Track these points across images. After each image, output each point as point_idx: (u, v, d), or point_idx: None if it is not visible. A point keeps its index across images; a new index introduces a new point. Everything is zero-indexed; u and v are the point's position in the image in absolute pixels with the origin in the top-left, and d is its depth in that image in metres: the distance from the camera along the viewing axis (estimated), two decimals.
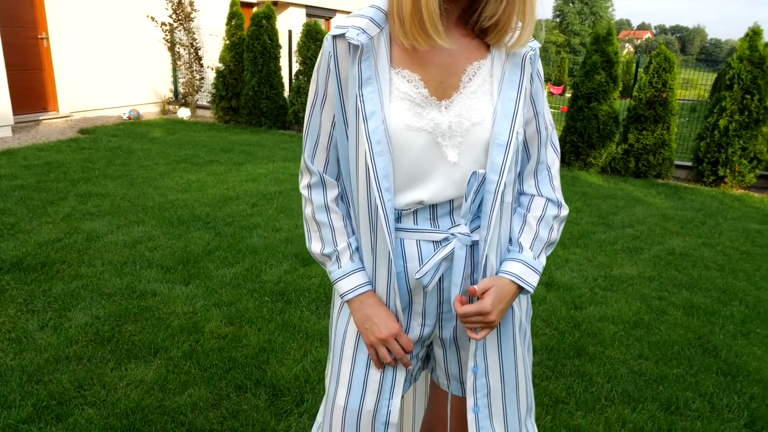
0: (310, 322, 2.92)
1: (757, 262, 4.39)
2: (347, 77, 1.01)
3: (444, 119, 1.01)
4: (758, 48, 6.65)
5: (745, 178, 7.02)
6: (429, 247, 1.07)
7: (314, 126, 1.10)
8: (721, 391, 2.55)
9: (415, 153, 1.01)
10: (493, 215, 1.03)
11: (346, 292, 1.10)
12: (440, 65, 1.02)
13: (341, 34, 1.00)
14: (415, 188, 1.03)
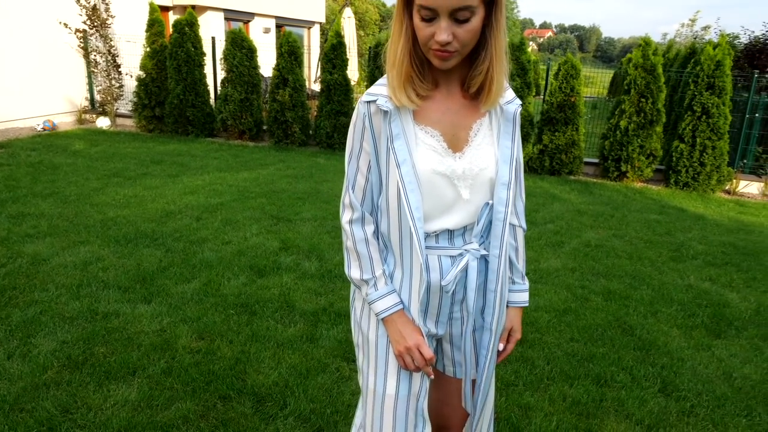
0: (278, 332, 3.11)
1: (658, 249, 5.03)
2: (380, 132, 1.28)
3: (458, 166, 1.29)
4: (649, 57, 7.46)
5: (643, 172, 7.85)
6: (447, 261, 1.35)
7: (353, 170, 1.35)
8: (639, 363, 3.01)
9: (439, 192, 1.29)
10: (504, 237, 1.33)
11: (382, 311, 1.35)
12: (452, 123, 1.31)
13: (373, 101, 1.27)
14: (441, 218, 1.32)
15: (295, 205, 5.60)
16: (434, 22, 1.16)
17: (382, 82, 1.30)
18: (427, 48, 1.21)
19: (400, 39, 1.23)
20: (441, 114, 1.30)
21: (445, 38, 1.16)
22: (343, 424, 2.39)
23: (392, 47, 1.25)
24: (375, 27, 35.32)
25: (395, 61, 1.24)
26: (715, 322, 3.60)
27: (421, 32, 1.19)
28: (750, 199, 7.74)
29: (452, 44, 1.17)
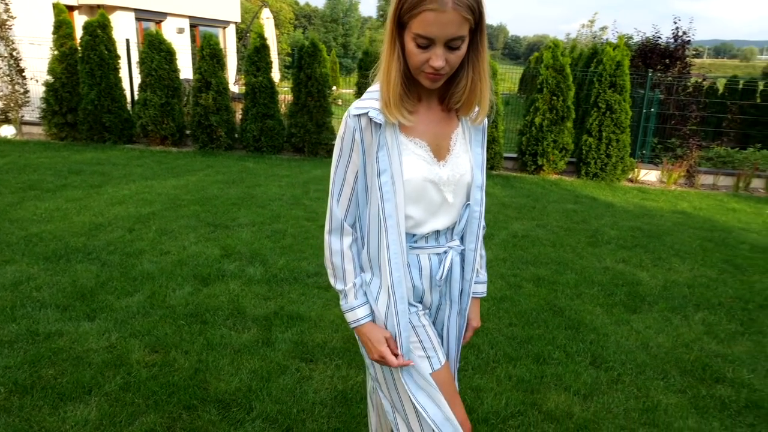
0: (232, 338, 3.15)
1: (577, 236, 5.47)
2: (369, 144, 1.38)
3: (443, 173, 1.42)
4: (558, 58, 8.01)
5: (558, 165, 8.42)
6: (435, 259, 1.49)
7: (339, 180, 1.42)
8: (570, 341, 3.33)
9: (429, 197, 1.42)
10: (479, 233, 1.50)
11: (351, 322, 1.47)
12: (435, 134, 1.44)
13: (364, 113, 1.36)
14: (431, 221, 1.45)
15: (231, 210, 5.57)
16: (429, 49, 1.27)
17: (370, 96, 1.39)
18: (419, 71, 1.32)
19: (392, 61, 1.32)
20: (425, 126, 1.43)
21: (441, 64, 1.27)
22: (310, 421, 2.49)
23: (385, 68, 1.33)
24: (290, 26, 34.98)
25: (389, 82, 1.33)
26: (631, 299, 4.01)
27: (416, 58, 1.29)
28: (650, 186, 8.51)
29: (444, 68, 1.29)
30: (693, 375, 3.06)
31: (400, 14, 1.28)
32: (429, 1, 1.22)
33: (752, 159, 9.40)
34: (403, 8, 1.27)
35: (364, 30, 48.58)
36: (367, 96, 1.40)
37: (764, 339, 3.55)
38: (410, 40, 1.28)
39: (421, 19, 1.24)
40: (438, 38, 1.25)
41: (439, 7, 1.22)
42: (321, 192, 6.57)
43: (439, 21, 1.23)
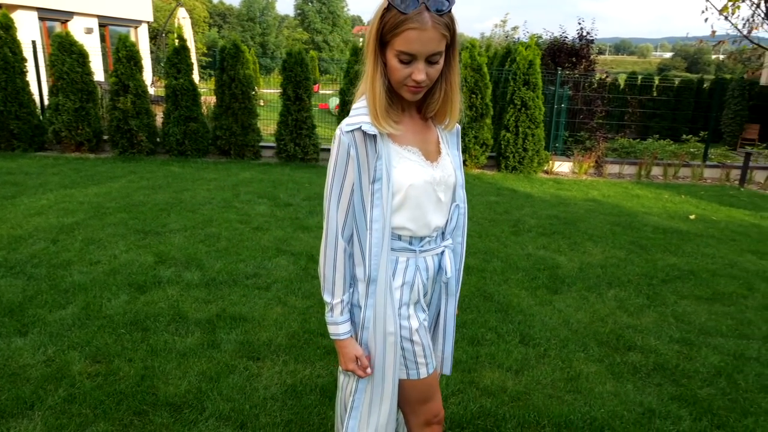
0: (176, 343, 3.16)
1: (500, 226, 5.82)
2: (364, 155, 1.46)
3: (437, 174, 1.54)
4: (476, 57, 8.40)
5: (479, 160, 8.83)
6: (436, 259, 1.61)
7: (335, 194, 1.48)
8: (501, 323, 3.60)
9: (428, 198, 1.53)
10: (465, 227, 1.65)
11: (332, 334, 1.56)
12: (422, 141, 1.55)
13: (357, 128, 1.44)
14: (434, 219, 1.56)
15: (160, 216, 5.47)
16: (411, 64, 1.38)
17: (357, 112, 1.47)
18: (402, 85, 1.42)
19: (376, 77, 1.42)
20: (413, 135, 1.55)
21: (422, 78, 1.38)
22: (264, 415, 2.58)
23: (370, 84, 1.43)
24: (204, 25, 33.96)
25: (375, 96, 1.42)
26: (552, 282, 4.36)
27: (399, 73, 1.39)
28: (564, 177, 9.11)
29: (425, 81, 1.40)
30: (608, 345, 3.41)
31: (382, 34, 1.38)
32: (411, 21, 1.33)
33: (651, 149, 10.27)
34: (385, 28, 1.37)
35: (281, 29, 47.97)
36: (354, 113, 1.49)
37: (667, 310, 3.99)
38: (393, 57, 1.38)
39: (404, 37, 1.34)
40: (420, 54, 1.36)
41: (421, 25, 1.33)
42: (252, 194, 6.56)
43: (420, 39, 1.34)
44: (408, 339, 1.59)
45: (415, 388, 1.64)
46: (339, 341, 1.57)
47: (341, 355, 1.58)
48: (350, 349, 1.56)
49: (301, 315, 3.57)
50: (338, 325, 1.55)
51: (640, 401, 2.83)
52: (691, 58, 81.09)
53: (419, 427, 1.70)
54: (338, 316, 1.55)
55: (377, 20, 1.39)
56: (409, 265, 1.57)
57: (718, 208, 7.53)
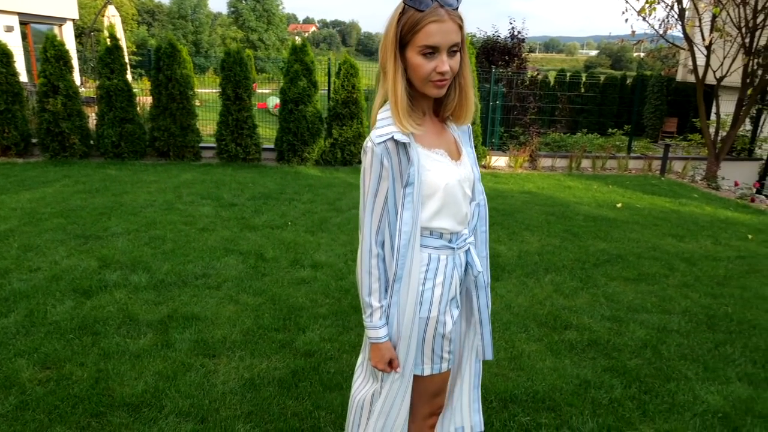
0: (129, 345, 3.15)
1: None
2: (397, 165, 1.51)
3: (462, 172, 1.61)
4: None
5: None
6: (464, 256, 1.67)
7: (370, 204, 1.52)
8: None
9: (459, 195, 1.60)
10: (487, 216, 1.74)
11: (373, 338, 1.59)
12: (445, 141, 1.62)
13: (389, 138, 1.48)
14: (462, 214, 1.62)
15: (100, 221, 5.34)
16: (435, 57, 1.44)
17: (384, 123, 1.51)
18: (426, 81, 1.47)
19: (398, 79, 1.48)
20: (436, 137, 1.61)
21: (447, 68, 1.44)
22: (224, 409, 2.64)
23: (392, 87, 1.48)
24: (133, 22, 32.70)
25: (397, 97, 1.48)
26: (493, 269, 4.59)
27: (424, 68, 1.45)
28: (501, 171, 9.48)
29: (448, 72, 1.46)
30: (547, 325, 3.66)
31: (401, 36, 1.45)
32: (429, 15, 1.41)
33: (581, 143, 10.84)
34: (404, 30, 1.45)
35: (215, 27, 46.82)
36: (381, 123, 1.53)
37: (598, 291, 4.30)
38: (416, 55, 1.45)
39: (425, 31, 1.42)
40: (442, 45, 1.43)
41: (439, 18, 1.41)
42: (195, 196, 6.49)
43: (440, 30, 1.42)
44: (441, 334, 1.64)
45: (434, 382, 1.72)
46: (379, 344, 1.60)
47: (376, 356, 1.61)
48: (386, 352, 1.60)
49: (254, 312, 3.63)
50: (378, 329, 1.59)
51: (576, 374, 3.08)
52: (614, 56, 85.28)
53: (423, 418, 1.78)
54: (377, 321, 1.58)
55: (394, 25, 1.46)
56: (449, 262, 1.63)
57: (642, 196, 8.07)
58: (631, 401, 2.85)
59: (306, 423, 2.56)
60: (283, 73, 8.60)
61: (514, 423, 2.63)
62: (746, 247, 5.75)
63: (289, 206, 6.24)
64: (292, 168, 8.41)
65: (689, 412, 2.78)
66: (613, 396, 2.89)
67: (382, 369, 1.63)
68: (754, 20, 8.95)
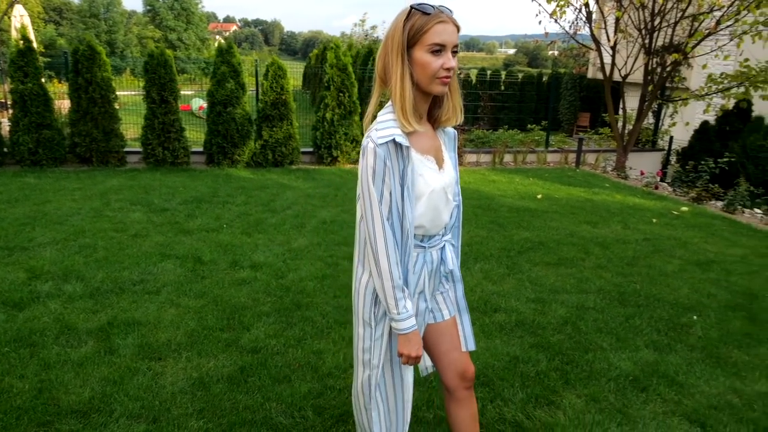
0: (70, 354, 3.12)
1: None
2: (397, 165, 1.62)
3: (445, 179, 1.76)
4: (341, 57, 8.76)
5: (351, 156, 9.22)
6: (438, 253, 1.83)
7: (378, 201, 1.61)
8: None
9: (442, 200, 1.75)
10: (461, 217, 1.91)
11: (408, 329, 1.68)
12: (434, 148, 1.77)
13: (390, 140, 1.60)
14: (445, 218, 1.80)
15: (23, 231, 5.13)
16: (442, 55, 1.58)
17: (384, 126, 1.62)
18: (434, 78, 1.60)
19: (405, 78, 1.60)
20: (429, 142, 1.75)
21: (454, 64, 1.60)
22: (175, 408, 2.69)
23: (399, 86, 1.60)
24: (39, 21, 30.75)
25: (405, 94, 1.60)
26: None
27: (432, 66, 1.58)
28: None
29: (453, 69, 1.61)
30: (479, 310, 3.93)
31: (408, 38, 1.59)
32: (435, 17, 1.57)
33: (503, 138, 11.38)
34: (411, 32, 1.58)
35: (130, 26, 44.80)
36: (382, 125, 1.63)
37: (524, 276, 4.63)
38: (424, 54, 1.58)
39: (433, 31, 1.56)
40: (448, 44, 1.58)
41: (444, 19, 1.57)
42: (124, 202, 6.34)
43: (446, 30, 1.57)
44: None
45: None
46: (412, 332, 1.69)
47: (412, 345, 1.70)
48: (417, 340, 1.71)
49: (197, 314, 3.67)
50: (412, 317, 1.69)
51: (507, 352, 3.35)
52: (531, 54, 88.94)
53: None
54: (411, 309, 1.68)
55: (400, 29, 1.59)
56: (419, 259, 1.77)
57: (560, 187, 8.63)
58: (555, 372, 3.15)
59: (258, 415, 2.67)
60: (210, 75, 8.50)
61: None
62: (651, 230, 6.33)
63: (223, 209, 6.23)
64: (223, 170, 8.35)
65: (605, 378, 3.12)
66: (540, 369, 3.18)
67: (414, 359, 1.72)
68: (652, 22, 9.76)
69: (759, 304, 4.26)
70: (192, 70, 29.71)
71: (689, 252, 5.52)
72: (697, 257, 5.36)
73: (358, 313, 1.85)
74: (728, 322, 3.92)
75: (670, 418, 2.78)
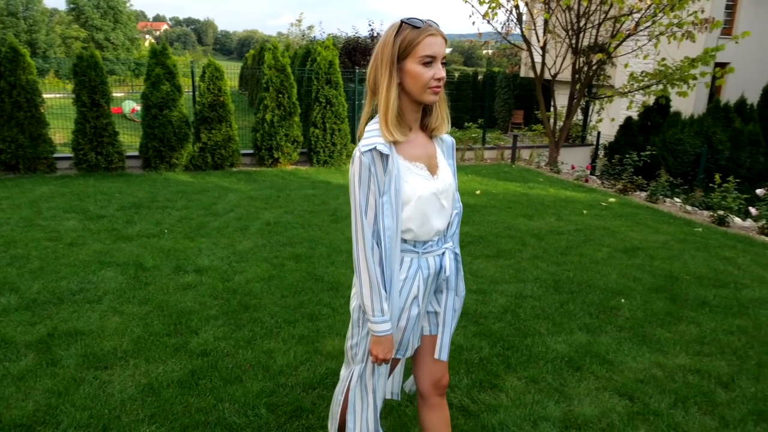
0: (9, 368, 3.01)
1: (320, 216, 6.29)
2: (381, 172, 1.68)
3: (438, 185, 1.79)
4: (279, 59, 8.74)
5: (292, 157, 9.22)
6: (438, 260, 1.85)
7: (364, 208, 1.68)
8: (334, 299, 4.05)
9: (433, 206, 1.78)
10: (459, 226, 1.94)
11: (383, 332, 1.74)
12: (427, 155, 1.80)
13: (373, 148, 1.66)
14: (436, 223, 1.81)
15: None
16: (432, 66, 1.66)
17: (370, 135, 1.70)
18: (425, 89, 1.67)
19: (391, 89, 1.67)
20: (420, 150, 1.80)
21: (444, 74, 1.67)
22: (125, 415, 2.67)
23: (385, 96, 1.68)
24: None
25: (389, 105, 1.67)
26: None
27: (424, 76, 1.65)
28: None
29: (443, 79, 1.68)
30: None
31: (400, 51, 1.66)
32: (425, 30, 1.65)
33: None
34: (402, 46, 1.66)
35: (52, 25, 42.50)
36: (368, 135, 1.71)
37: (465, 269, 4.80)
38: (416, 65, 1.66)
39: (425, 43, 1.64)
40: (438, 55, 1.66)
41: (433, 32, 1.65)
42: (56, 210, 6.10)
43: (436, 42, 1.66)
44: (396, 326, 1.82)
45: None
46: (383, 336, 1.75)
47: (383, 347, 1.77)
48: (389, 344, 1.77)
49: (142, 320, 3.62)
50: (387, 322, 1.74)
51: (452, 341, 3.49)
52: (466, 54, 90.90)
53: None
54: (387, 314, 1.74)
55: (390, 43, 1.67)
56: (412, 264, 1.81)
57: (497, 182, 8.96)
58: (497, 357, 3.33)
59: (211, 416, 2.69)
60: (143, 76, 8.28)
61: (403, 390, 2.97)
62: (582, 221, 6.70)
63: (163, 214, 6.11)
64: (161, 175, 8.15)
65: (543, 360, 3.32)
66: (483, 355, 3.35)
67: (384, 360, 1.79)
68: (578, 24, 10.27)
69: (679, 285, 4.63)
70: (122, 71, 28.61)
71: (617, 240, 5.89)
72: (624, 245, 5.73)
73: (352, 314, 1.92)
74: (652, 303, 4.24)
75: (602, 393, 3.00)
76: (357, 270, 1.72)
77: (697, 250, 5.72)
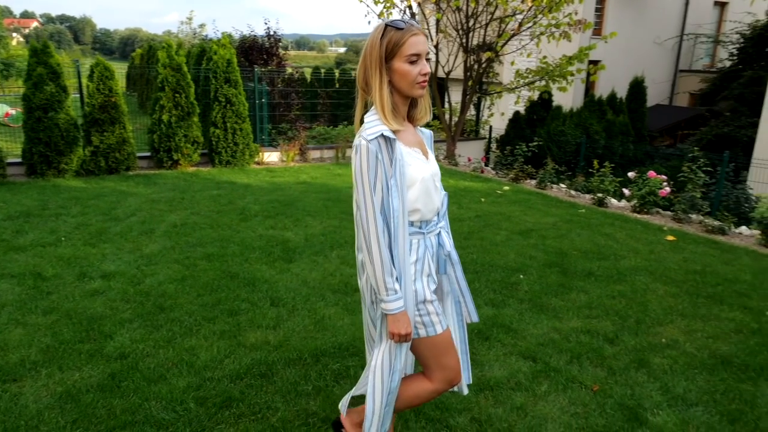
0: None
1: (228, 216, 6.23)
2: (387, 158, 1.82)
3: (432, 168, 1.96)
4: (174, 57, 8.47)
5: (192, 158, 8.97)
6: (436, 238, 2.00)
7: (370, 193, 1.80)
8: (251, 294, 4.08)
9: (431, 188, 1.94)
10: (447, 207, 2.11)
11: (396, 309, 1.83)
12: (418, 142, 1.98)
13: (379, 135, 1.80)
14: (436, 203, 1.98)
15: None
16: (418, 63, 1.83)
17: (373, 123, 1.85)
18: (413, 84, 1.84)
19: (383, 87, 1.85)
20: (413, 137, 1.97)
21: (429, 69, 1.84)
22: (43, 425, 2.57)
23: (378, 94, 1.85)
24: None
25: (384, 100, 1.85)
26: (285, 254, 5.01)
27: (411, 73, 1.83)
28: (275, 166, 9.90)
29: (429, 74, 1.86)
30: (340, 291, 4.22)
31: (386, 52, 1.82)
32: (409, 31, 1.82)
33: (343, 134, 11.82)
34: (389, 46, 1.82)
35: None
36: (370, 124, 1.86)
37: None
38: (403, 63, 1.82)
39: (409, 43, 1.81)
40: (422, 53, 1.83)
41: (416, 32, 1.82)
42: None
43: (420, 41, 1.83)
44: (423, 302, 1.93)
45: (435, 343, 1.99)
46: (398, 314, 1.84)
47: (401, 324, 1.85)
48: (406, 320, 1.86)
49: (50, 329, 3.46)
50: (400, 299, 1.84)
51: None
52: None
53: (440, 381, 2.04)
54: (400, 292, 1.84)
55: (377, 45, 1.83)
56: (420, 245, 1.95)
57: None
58: None
59: (138, 415, 2.67)
60: (23, 77, 7.69)
61: (327, 371, 3.10)
62: (481, 208, 7.16)
63: (57, 221, 5.76)
64: (49, 181, 7.63)
65: None
66: None
67: (404, 337, 1.87)
68: (467, 24, 10.85)
69: (568, 260, 5.13)
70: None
71: (513, 224, 6.38)
72: (519, 227, 6.22)
73: (365, 300, 2.02)
74: (546, 277, 4.69)
75: (509, 358, 3.32)
76: (369, 253, 1.82)
77: (582, 228, 6.34)
